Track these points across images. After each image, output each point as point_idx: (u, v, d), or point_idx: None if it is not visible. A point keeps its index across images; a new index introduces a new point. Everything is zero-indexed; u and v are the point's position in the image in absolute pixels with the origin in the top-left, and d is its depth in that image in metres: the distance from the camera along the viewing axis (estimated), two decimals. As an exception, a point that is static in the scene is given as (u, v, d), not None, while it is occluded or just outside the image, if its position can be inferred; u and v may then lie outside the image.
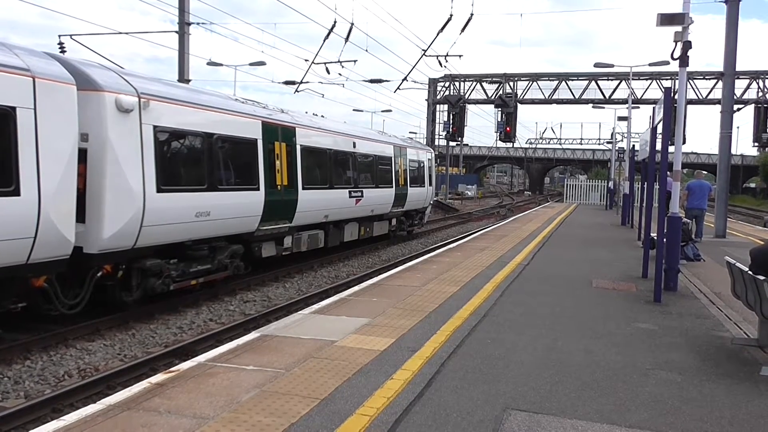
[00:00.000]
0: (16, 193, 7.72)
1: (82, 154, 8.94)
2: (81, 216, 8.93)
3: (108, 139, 9.22)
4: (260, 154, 13.03)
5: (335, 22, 26.28)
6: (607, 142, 63.49)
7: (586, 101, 49.94)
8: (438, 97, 52.08)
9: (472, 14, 29.59)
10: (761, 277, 6.27)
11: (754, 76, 46.31)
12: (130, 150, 9.59)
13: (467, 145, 78.09)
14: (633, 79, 36.91)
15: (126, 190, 9.48)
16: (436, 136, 52.36)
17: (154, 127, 10.09)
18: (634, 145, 24.40)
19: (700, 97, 47.31)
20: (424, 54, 32.44)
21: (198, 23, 24.36)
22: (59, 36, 17.54)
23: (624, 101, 40.91)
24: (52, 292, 8.79)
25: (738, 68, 22.08)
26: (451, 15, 29.04)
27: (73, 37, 18.13)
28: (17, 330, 9.07)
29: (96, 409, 4.83)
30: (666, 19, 10.41)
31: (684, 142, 11.30)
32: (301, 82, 32.40)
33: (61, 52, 15.56)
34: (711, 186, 20.14)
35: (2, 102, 7.57)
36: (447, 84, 51.63)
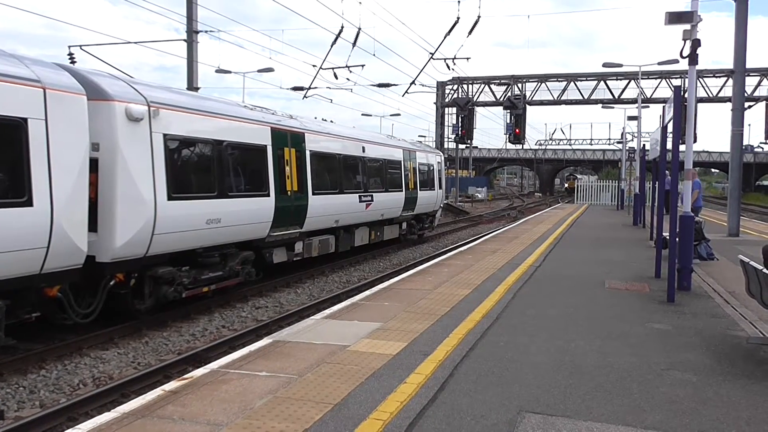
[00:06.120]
0: (29, 203, 7.78)
1: (93, 164, 9.00)
2: (93, 225, 8.98)
3: (119, 148, 9.28)
4: (270, 160, 13.06)
5: (342, 27, 26.36)
6: (618, 142, 63.20)
7: (596, 101, 49.71)
8: (446, 99, 52.04)
9: (479, 16, 29.58)
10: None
11: (765, 72, 45.96)
12: (140, 159, 9.64)
13: (476, 147, 77.93)
14: (642, 79, 36.75)
15: (137, 198, 9.53)
16: (446, 139, 52.28)
17: (164, 135, 10.14)
18: (644, 145, 24.27)
19: (711, 95, 46.99)
20: (431, 57, 32.44)
21: (206, 31, 24.51)
22: (69, 47, 17.65)
23: (633, 101, 40.70)
24: (66, 302, 8.84)
25: (747, 65, 21.91)
26: (458, 18, 29.06)
27: (82, 47, 18.27)
28: (32, 340, 9.14)
29: (110, 418, 4.85)
30: (674, 18, 10.39)
31: (695, 141, 11.23)
32: (310, 88, 32.50)
33: (71, 62, 15.69)
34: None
35: (14, 113, 7.64)
36: (455, 87, 51.57)
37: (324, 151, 15.75)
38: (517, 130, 39.42)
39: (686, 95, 11.08)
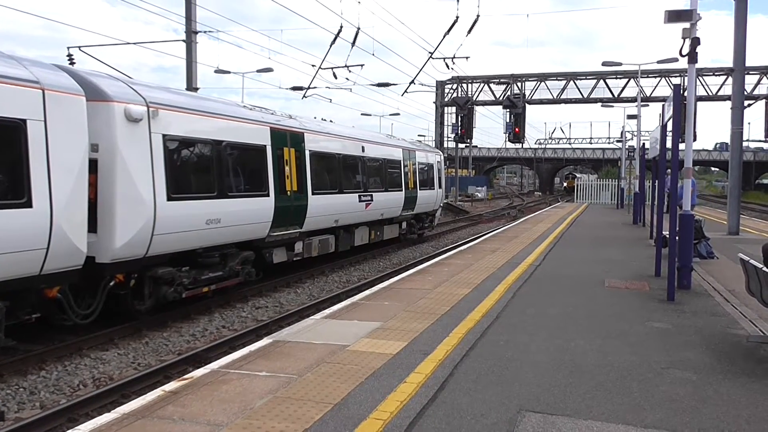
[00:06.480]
0: (29, 204, 7.77)
1: (93, 165, 8.99)
2: (93, 226, 8.98)
3: (118, 149, 9.27)
4: (269, 160, 13.06)
5: (341, 27, 26.36)
6: (617, 141, 63.20)
7: (595, 100, 49.79)
8: (446, 99, 52.09)
9: (478, 15, 29.46)
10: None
11: (764, 71, 46.00)
12: (140, 159, 9.64)
13: (476, 146, 77.93)
14: (641, 77, 36.78)
15: (137, 199, 9.53)
16: (445, 138, 52.36)
17: (164, 135, 10.14)
18: (644, 144, 24.27)
19: (710, 94, 47.06)
20: (431, 56, 32.41)
21: (205, 31, 24.44)
22: (68, 48, 17.63)
23: (633, 99, 40.72)
24: (66, 303, 8.84)
25: (747, 64, 21.91)
26: (457, 17, 29.03)
27: (81, 48, 18.25)
28: (32, 341, 9.14)
29: (110, 418, 4.84)
30: (674, 16, 10.39)
31: (695, 139, 11.23)
32: (309, 88, 32.48)
33: (70, 63, 15.69)
34: None
35: (13, 115, 7.63)
36: (454, 86, 51.63)
37: (323, 151, 15.74)
38: (517, 129, 39.41)
39: (686, 94, 11.07)
